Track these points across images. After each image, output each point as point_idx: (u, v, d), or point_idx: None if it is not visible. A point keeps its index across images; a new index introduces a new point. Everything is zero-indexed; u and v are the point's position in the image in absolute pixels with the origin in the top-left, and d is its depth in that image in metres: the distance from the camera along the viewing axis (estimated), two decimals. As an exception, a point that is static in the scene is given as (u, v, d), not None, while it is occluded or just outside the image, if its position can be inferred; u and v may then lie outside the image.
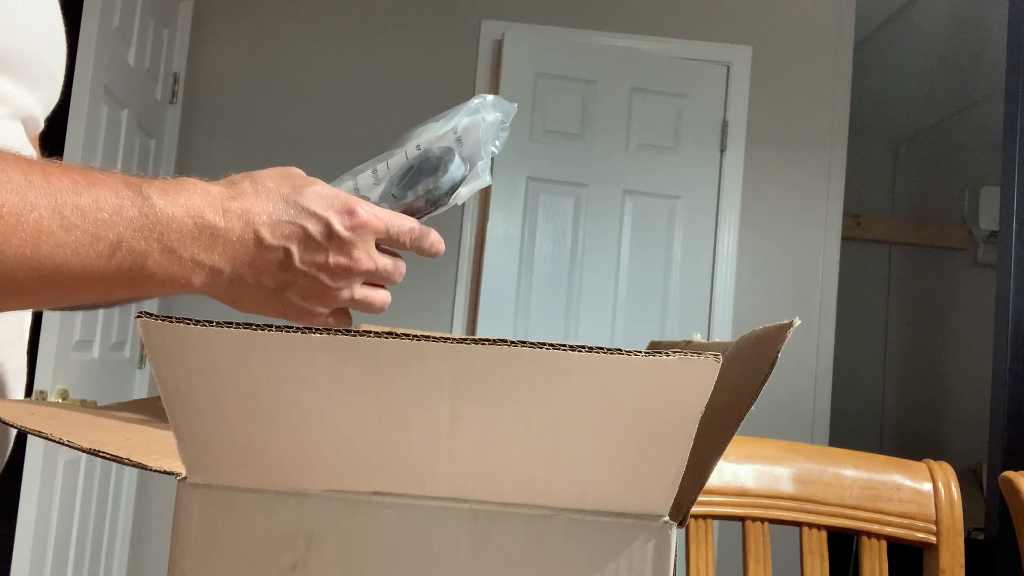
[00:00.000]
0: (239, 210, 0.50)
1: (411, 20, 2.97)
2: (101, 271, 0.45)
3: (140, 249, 0.46)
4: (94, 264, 0.45)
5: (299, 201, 0.52)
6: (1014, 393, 2.10)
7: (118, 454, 0.37)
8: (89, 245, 0.44)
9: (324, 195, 0.53)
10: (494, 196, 2.81)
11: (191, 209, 0.48)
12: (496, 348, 0.30)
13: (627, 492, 0.33)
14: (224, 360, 0.32)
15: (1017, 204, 2.17)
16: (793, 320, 0.34)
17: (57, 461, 1.96)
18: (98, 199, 0.45)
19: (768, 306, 2.93)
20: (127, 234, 0.45)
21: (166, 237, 0.47)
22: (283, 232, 0.51)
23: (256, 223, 0.50)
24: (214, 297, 0.52)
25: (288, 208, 0.51)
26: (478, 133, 0.63)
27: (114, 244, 0.45)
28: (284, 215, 0.51)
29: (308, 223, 0.51)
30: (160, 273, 0.47)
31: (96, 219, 0.44)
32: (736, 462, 1.00)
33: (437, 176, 0.60)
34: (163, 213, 0.47)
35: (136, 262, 0.46)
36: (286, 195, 0.52)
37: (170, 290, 0.49)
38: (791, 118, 3.01)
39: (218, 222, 0.49)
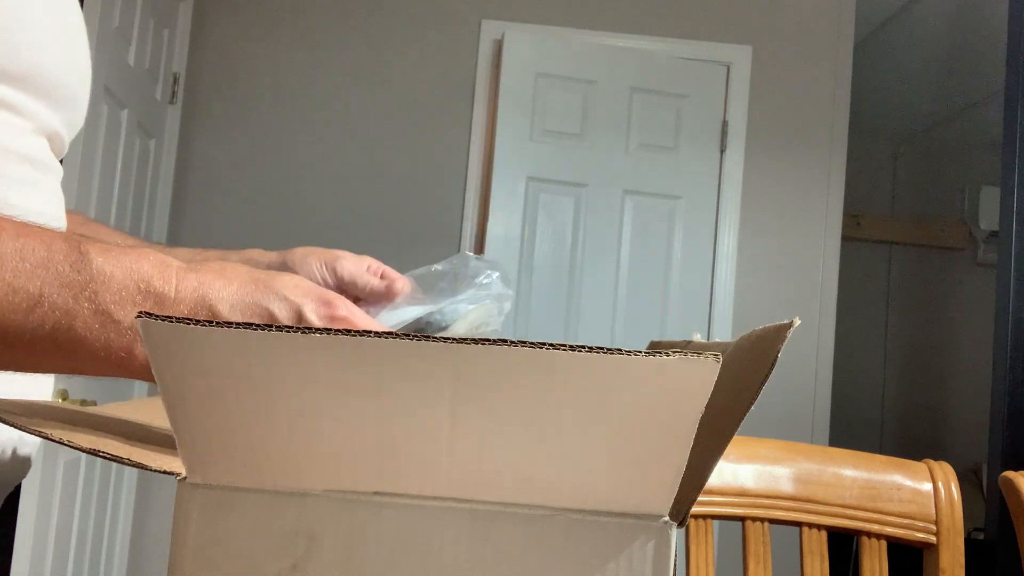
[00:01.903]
0: (195, 283, 0.45)
1: (411, 20, 2.97)
2: (18, 327, 0.41)
3: (65, 307, 0.41)
4: (10, 318, 0.40)
5: (271, 284, 0.47)
6: (1014, 393, 2.10)
7: (118, 454, 0.37)
8: (3, 295, 0.40)
9: (301, 285, 0.48)
10: (494, 196, 2.82)
11: (135, 273, 0.43)
12: (496, 348, 0.31)
13: (627, 492, 0.33)
14: (224, 360, 0.32)
15: (1017, 204, 2.17)
16: (793, 320, 0.34)
17: (57, 461, 1.96)
18: (23, 248, 0.41)
19: (768, 306, 2.93)
20: (50, 288, 0.41)
21: (100, 297, 0.42)
22: (244, 313, 0.45)
23: (212, 299, 0.45)
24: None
25: (256, 290, 0.46)
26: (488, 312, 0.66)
27: (34, 297, 0.40)
28: (248, 296, 0.46)
29: (276, 306, 0.46)
30: (91, 339, 0.42)
31: (15, 268, 0.40)
32: (736, 462, 1.00)
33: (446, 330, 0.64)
34: (100, 271, 0.42)
35: (60, 322, 0.41)
36: (256, 278, 0.47)
37: (107, 365, 0.43)
38: (791, 118, 3.01)
39: (166, 291, 0.44)
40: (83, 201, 2.02)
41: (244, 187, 2.89)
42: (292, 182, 2.89)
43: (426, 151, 2.91)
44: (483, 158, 2.93)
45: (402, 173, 2.89)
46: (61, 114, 0.59)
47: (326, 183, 2.89)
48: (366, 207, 2.87)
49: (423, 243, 2.83)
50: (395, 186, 2.88)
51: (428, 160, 2.92)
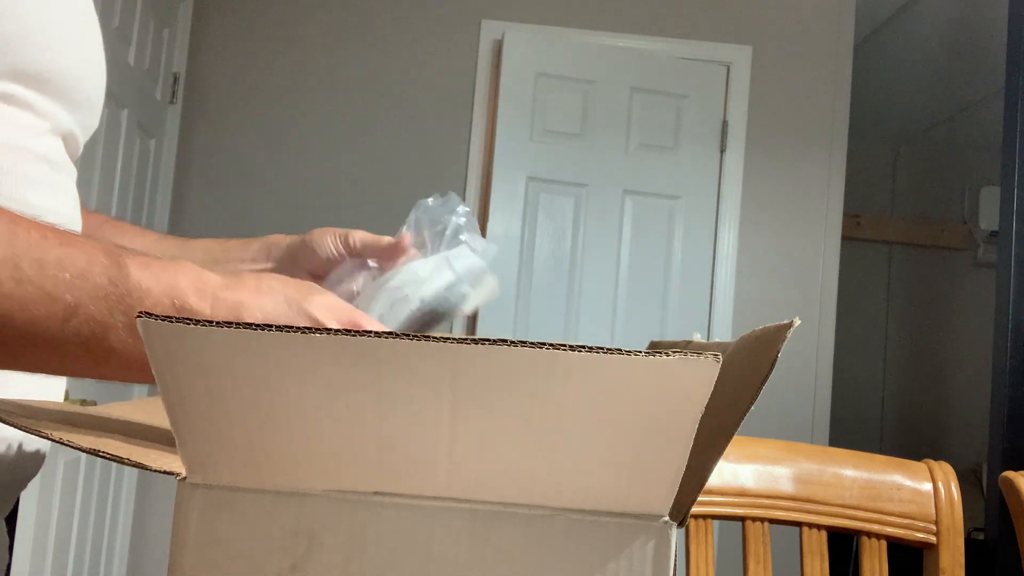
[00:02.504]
0: (231, 302, 0.46)
1: (411, 20, 2.97)
2: (53, 334, 0.41)
3: (101, 319, 0.42)
4: (44, 325, 0.41)
5: (303, 306, 0.48)
6: (1014, 393, 2.10)
7: (118, 454, 0.37)
8: (41, 303, 0.41)
9: (331, 305, 0.50)
10: (494, 196, 2.82)
11: (172, 288, 0.44)
12: (496, 348, 0.31)
13: (627, 492, 0.33)
14: (224, 360, 0.32)
15: (1017, 204, 2.17)
16: (793, 320, 0.34)
17: (57, 461, 1.96)
18: (63, 258, 0.41)
19: (768, 306, 2.93)
20: (88, 300, 0.42)
21: (135, 311, 0.42)
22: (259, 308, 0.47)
23: (248, 319, 0.46)
24: None
25: (289, 311, 0.48)
26: (472, 259, 0.67)
27: (71, 307, 0.41)
28: (283, 317, 0.48)
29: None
30: (123, 350, 0.43)
31: (55, 278, 0.41)
32: (736, 462, 1.00)
33: (447, 318, 0.66)
34: (136, 286, 0.43)
35: (96, 332, 0.42)
36: (290, 297, 0.48)
37: (137, 373, 0.44)
38: (791, 118, 3.01)
39: (202, 308, 0.45)
40: (83, 201, 2.02)
41: (244, 187, 2.89)
42: (292, 182, 2.89)
43: (426, 151, 2.91)
44: (483, 158, 2.93)
45: (402, 173, 2.89)
46: (77, 116, 0.59)
47: (326, 183, 2.89)
48: (366, 207, 2.87)
49: (423, 243, 2.82)
50: (395, 186, 2.88)
51: (428, 160, 2.92)
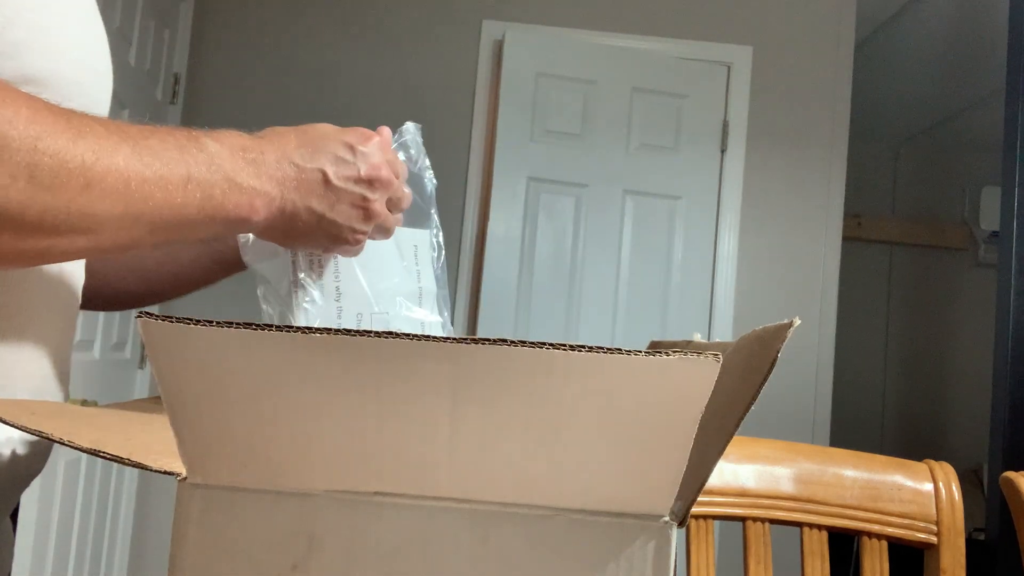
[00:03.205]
0: (269, 146, 0.56)
1: (411, 20, 2.97)
2: (180, 204, 0.50)
3: (207, 180, 0.51)
4: (174, 197, 0.49)
5: (316, 131, 0.59)
6: (1014, 393, 2.10)
7: (118, 454, 0.37)
8: (167, 180, 0.49)
9: (335, 127, 0.60)
10: (494, 196, 2.82)
11: (233, 146, 0.53)
12: (496, 348, 0.31)
13: (627, 492, 0.33)
14: (224, 360, 0.32)
15: (1017, 204, 2.17)
16: (793, 320, 0.34)
17: (57, 461, 1.96)
18: (164, 140, 0.50)
19: (768, 306, 2.93)
20: (194, 167, 0.50)
21: (223, 168, 0.52)
22: (314, 156, 0.57)
23: (288, 152, 0.56)
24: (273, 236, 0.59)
25: (312, 139, 0.58)
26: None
27: (185, 177, 0.49)
28: (310, 144, 0.58)
29: (331, 145, 0.58)
30: (228, 204, 0.52)
31: (167, 157, 0.49)
32: (736, 462, 1.00)
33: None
34: (214, 149, 0.52)
35: (205, 192, 0.51)
36: (304, 130, 0.59)
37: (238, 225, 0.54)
38: (791, 118, 3.01)
39: (256, 156, 0.54)
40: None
41: (244, 187, 2.88)
42: (292, 182, 2.88)
43: (426, 151, 2.91)
44: (483, 158, 2.93)
45: (402, 173, 2.89)
46: None
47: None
48: (366, 207, 2.87)
49: (423, 243, 2.83)
50: (395, 186, 2.88)
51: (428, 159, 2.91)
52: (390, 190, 0.62)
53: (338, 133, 0.60)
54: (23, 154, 0.43)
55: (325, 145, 0.58)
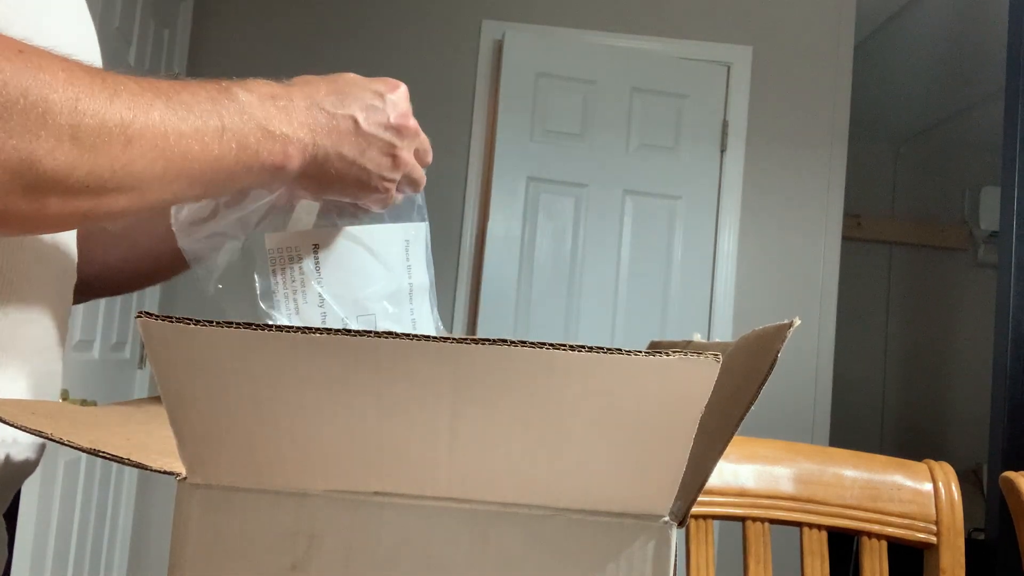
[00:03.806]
0: (299, 93, 0.57)
1: (411, 20, 2.97)
2: (217, 156, 0.50)
3: (241, 129, 0.51)
4: (211, 149, 0.50)
5: (344, 79, 0.60)
6: (1014, 393, 2.10)
7: (118, 454, 0.37)
8: (203, 132, 0.49)
9: (363, 77, 0.61)
10: (494, 196, 2.82)
11: (263, 94, 0.54)
12: (496, 348, 0.31)
13: (627, 492, 0.33)
14: (224, 360, 0.32)
15: (1017, 204, 2.17)
16: (793, 320, 0.34)
17: (57, 461, 1.96)
18: (195, 93, 0.50)
19: (768, 306, 2.93)
20: (227, 118, 0.51)
21: (256, 117, 0.52)
22: (344, 103, 0.58)
23: (318, 99, 0.57)
24: (306, 184, 0.58)
25: (341, 87, 0.59)
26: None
27: (220, 128, 0.50)
28: (340, 92, 0.58)
29: (361, 92, 0.59)
30: (262, 151, 0.52)
31: (200, 109, 0.49)
32: (736, 462, 1.00)
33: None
34: (245, 99, 0.53)
35: (241, 142, 0.51)
36: (333, 79, 0.60)
37: (274, 173, 0.54)
38: (791, 118, 3.01)
39: (286, 103, 0.55)
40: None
41: (244, 187, 2.88)
42: (292, 182, 2.89)
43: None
44: (483, 158, 2.93)
45: (402, 173, 2.89)
46: None
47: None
48: (366, 207, 2.87)
49: (423, 243, 2.83)
50: (395, 186, 2.87)
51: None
52: (417, 139, 0.62)
53: (367, 82, 0.60)
54: (65, 116, 0.43)
55: (354, 92, 0.59)
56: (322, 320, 0.62)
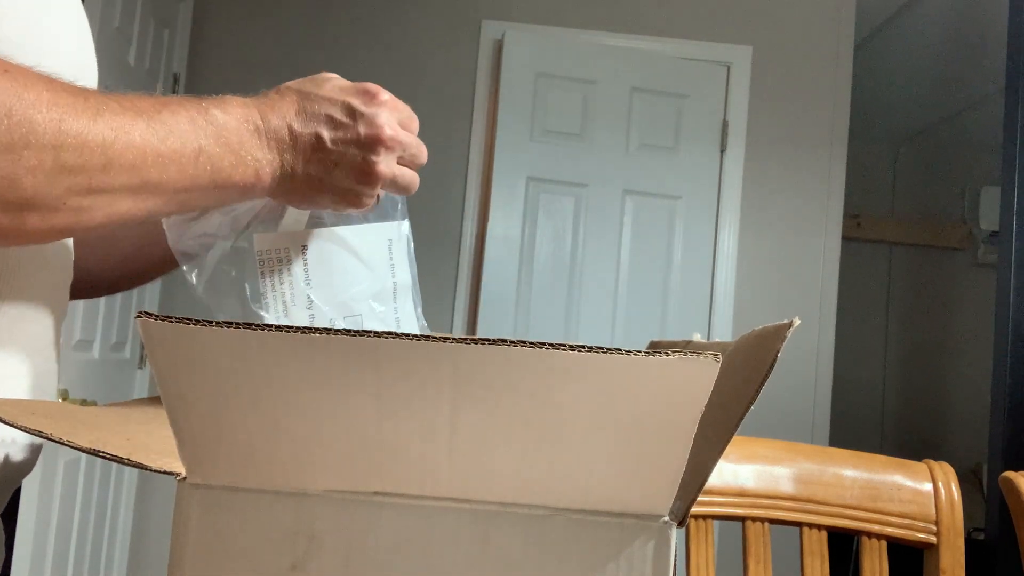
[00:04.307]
0: (271, 112, 0.57)
1: (411, 20, 2.97)
2: (192, 176, 0.52)
3: (215, 153, 0.52)
4: (186, 170, 0.51)
5: (319, 93, 0.59)
6: (1014, 393, 2.10)
7: (118, 454, 0.37)
8: (180, 153, 0.51)
9: (342, 86, 0.60)
10: (494, 196, 2.82)
11: (239, 116, 0.55)
12: (496, 348, 0.30)
13: (627, 492, 0.33)
14: (224, 360, 0.32)
15: (1017, 204, 2.17)
16: (793, 320, 0.34)
17: (57, 461, 1.96)
18: (175, 113, 0.51)
19: (768, 306, 2.93)
20: (204, 141, 0.52)
21: (230, 141, 0.53)
22: (310, 120, 0.58)
23: (288, 118, 0.57)
24: (281, 198, 0.59)
25: (311, 101, 0.58)
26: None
27: (197, 150, 0.52)
28: (308, 107, 0.58)
29: (330, 109, 0.58)
30: (235, 174, 0.54)
31: (179, 131, 0.51)
32: (736, 462, 1.00)
33: None
34: (222, 120, 0.53)
35: (215, 165, 0.53)
36: (308, 91, 0.59)
37: (246, 191, 0.56)
38: (791, 118, 3.01)
39: (259, 123, 0.56)
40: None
41: (244, 187, 2.88)
42: (292, 182, 2.88)
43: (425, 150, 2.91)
44: (483, 158, 2.93)
45: (402, 173, 2.89)
46: None
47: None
48: (366, 207, 2.86)
49: (423, 243, 2.83)
50: (395, 186, 2.87)
51: (428, 160, 2.91)
52: (397, 149, 0.61)
53: (342, 93, 0.60)
54: (49, 136, 0.44)
55: (323, 108, 0.58)
56: (310, 321, 0.62)
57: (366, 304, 0.65)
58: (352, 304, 0.64)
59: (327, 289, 0.63)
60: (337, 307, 0.63)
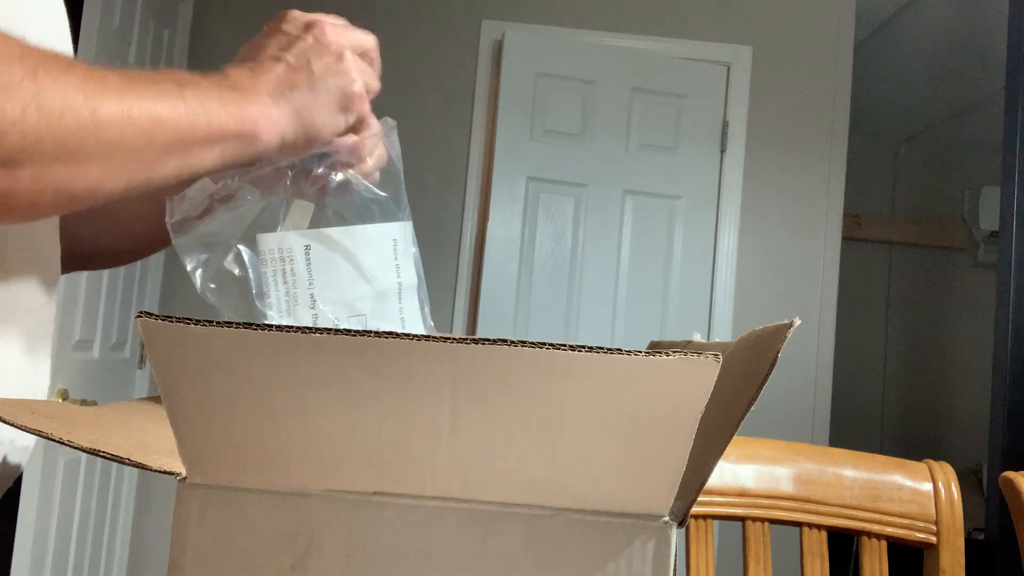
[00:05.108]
0: (230, 68, 0.58)
1: (411, 20, 2.97)
2: (185, 114, 0.50)
3: (203, 96, 0.52)
4: (178, 111, 0.50)
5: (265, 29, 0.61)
6: (1014, 393, 2.10)
7: (118, 454, 0.37)
8: (164, 96, 0.50)
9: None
10: (494, 196, 2.82)
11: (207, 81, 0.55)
12: (496, 348, 0.30)
13: (627, 492, 0.33)
14: (224, 360, 0.32)
15: (1017, 204, 2.17)
16: (793, 320, 0.34)
17: (57, 461, 1.96)
18: (150, 75, 0.51)
19: (768, 306, 2.93)
20: (190, 93, 0.51)
21: (212, 93, 0.53)
22: (262, 56, 0.59)
23: (242, 66, 0.58)
24: (289, 129, 0.57)
25: (253, 50, 0.60)
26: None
27: (180, 96, 0.51)
28: (255, 55, 0.60)
29: (271, 39, 0.60)
30: (229, 121, 0.53)
31: (157, 80, 0.51)
32: (736, 462, 1.00)
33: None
34: (198, 82, 0.53)
35: (204, 106, 0.52)
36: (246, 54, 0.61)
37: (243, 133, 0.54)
38: (791, 118, 3.01)
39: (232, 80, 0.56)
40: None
41: (244, 187, 2.88)
42: (292, 182, 2.88)
43: (426, 151, 2.91)
44: (483, 158, 2.93)
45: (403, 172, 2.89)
46: None
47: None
48: (366, 207, 2.87)
49: (424, 243, 2.82)
50: (395, 186, 2.88)
51: (428, 160, 2.92)
52: (349, 41, 0.64)
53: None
54: (26, 83, 0.43)
55: (267, 42, 0.60)
56: (313, 321, 0.62)
57: (370, 304, 0.65)
58: (356, 304, 0.64)
59: (331, 289, 0.63)
60: (341, 307, 0.63)
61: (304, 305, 0.63)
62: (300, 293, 0.63)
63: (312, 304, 0.63)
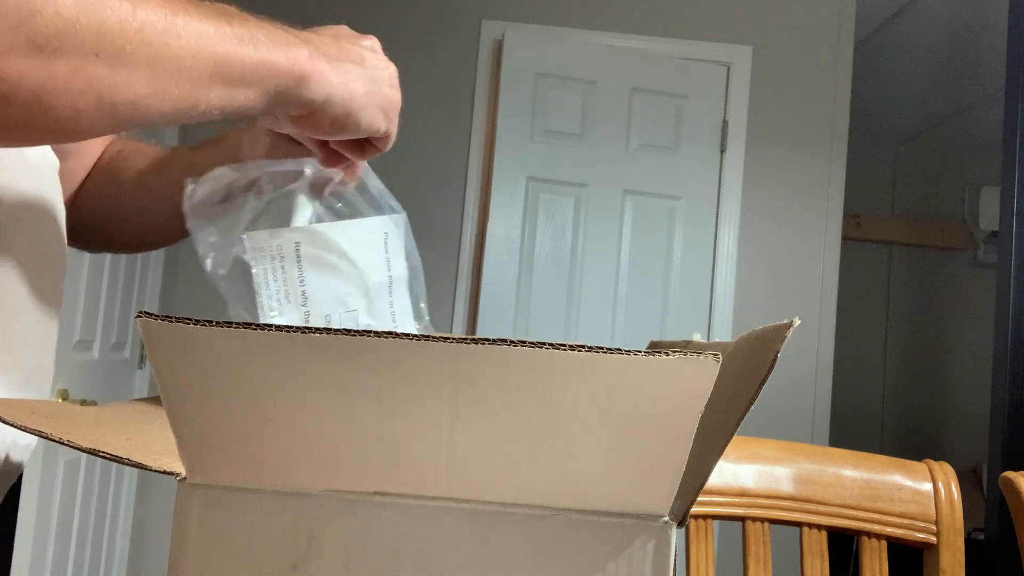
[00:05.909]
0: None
1: (411, 20, 2.97)
2: (231, 36, 0.49)
3: (254, 35, 0.51)
4: (224, 31, 0.48)
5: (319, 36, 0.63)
6: (1014, 393, 2.10)
7: (118, 454, 0.37)
8: (209, 15, 0.48)
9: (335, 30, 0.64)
10: (494, 196, 2.82)
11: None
12: (496, 348, 0.31)
13: (627, 492, 0.33)
14: (224, 360, 0.32)
15: (1017, 204, 2.17)
16: (793, 320, 0.34)
17: (57, 461, 1.96)
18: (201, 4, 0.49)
19: (768, 306, 2.93)
20: (237, 22, 0.50)
21: (262, 27, 0.52)
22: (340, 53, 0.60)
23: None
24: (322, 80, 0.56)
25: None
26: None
27: (232, 29, 0.49)
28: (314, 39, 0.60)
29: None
30: (277, 55, 0.52)
31: (211, 11, 0.49)
32: (736, 462, 1.00)
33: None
34: (250, 20, 0.52)
35: (252, 34, 0.51)
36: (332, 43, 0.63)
37: (290, 77, 0.53)
38: (791, 118, 3.01)
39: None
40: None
41: (244, 187, 2.88)
42: (292, 182, 2.88)
43: (426, 151, 2.91)
44: (483, 158, 2.93)
45: (402, 173, 2.89)
46: None
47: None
48: (366, 207, 2.87)
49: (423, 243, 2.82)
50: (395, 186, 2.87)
51: (428, 160, 2.92)
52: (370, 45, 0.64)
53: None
54: None
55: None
56: (305, 318, 0.62)
57: (361, 299, 0.65)
58: (347, 299, 0.64)
59: (321, 285, 0.63)
60: (332, 303, 0.63)
61: (296, 302, 0.63)
62: (291, 290, 0.63)
63: (304, 301, 0.63)
